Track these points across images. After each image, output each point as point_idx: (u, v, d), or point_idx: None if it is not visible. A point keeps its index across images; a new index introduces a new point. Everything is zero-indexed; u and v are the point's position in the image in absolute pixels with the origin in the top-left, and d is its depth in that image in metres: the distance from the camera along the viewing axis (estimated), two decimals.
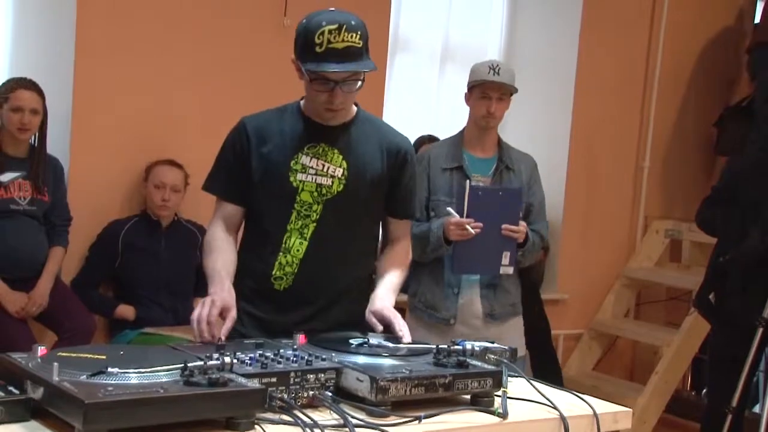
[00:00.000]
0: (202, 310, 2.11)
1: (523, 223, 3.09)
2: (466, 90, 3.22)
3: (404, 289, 3.88)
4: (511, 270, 3.12)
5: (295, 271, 2.32)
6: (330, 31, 2.15)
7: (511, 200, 3.07)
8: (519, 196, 3.10)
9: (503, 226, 3.04)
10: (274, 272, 2.32)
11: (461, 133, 3.27)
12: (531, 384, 2.04)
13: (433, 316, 3.21)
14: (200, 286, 3.71)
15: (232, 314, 2.14)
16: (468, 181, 3.06)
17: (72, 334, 3.38)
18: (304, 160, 2.31)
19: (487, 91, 3.14)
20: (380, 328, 2.19)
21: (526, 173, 3.24)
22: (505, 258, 3.08)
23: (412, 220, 2.54)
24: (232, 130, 2.39)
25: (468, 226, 3.00)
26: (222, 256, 2.30)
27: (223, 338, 2.05)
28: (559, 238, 4.95)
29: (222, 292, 2.18)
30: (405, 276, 2.43)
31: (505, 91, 3.16)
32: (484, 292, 3.20)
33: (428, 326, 3.20)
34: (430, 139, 4.46)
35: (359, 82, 2.24)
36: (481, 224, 3.01)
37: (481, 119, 3.17)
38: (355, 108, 2.38)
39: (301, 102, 2.39)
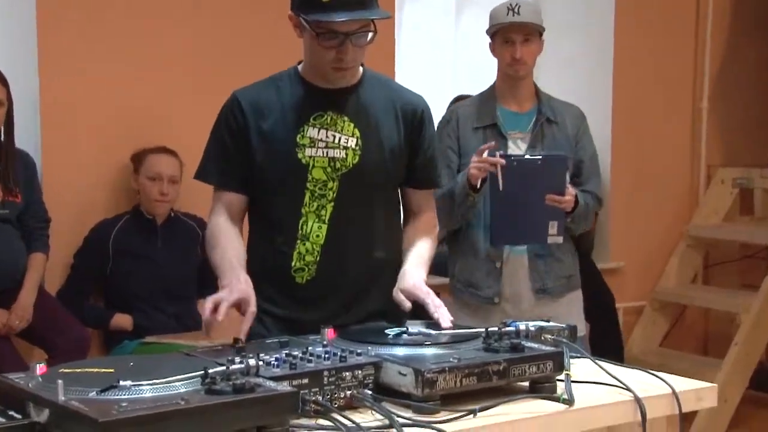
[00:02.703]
0: (210, 305, 2.13)
1: (571, 190, 3.10)
2: (489, 40, 3.23)
3: (442, 271, 3.90)
4: (560, 239, 3.14)
5: (317, 259, 2.34)
6: None
7: (554, 167, 3.08)
8: (563, 162, 3.10)
9: (547, 196, 3.05)
10: (293, 264, 2.35)
11: (492, 86, 3.29)
12: (597, 364, 2.06)
13: (475, 296, 3.24)
14: (204, 286, 3.75)
15: (251, 309, 2.16)
16: (499, 153, 3.04)
17: (64, 351, 3.42)
18: (311, 132, 2.33)
19: (509, 35, 3.14)
20: (408, 304, 2.21)
21: (572, 125, 3.24)
22: (553, 228, 3.10)
23: (436, 189, 2.56)
24: (223, 107, 2.40)
25: (487, 155, 2.98)
26: (231, 245, 2.32)
27: (242, 339, 2.07)
28: (607, 198, 4.92)
29: (238, 283, 2.19)
30: (434, 249, 2.45)
31: (530, 32, 3.16)
32: (533, 265, 3.22)
33: (471, 308, 3.24)
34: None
35: (370, 34, 2.25)
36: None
37: (508, 68, 3.18)
38: (360, 68, 2.39)
39: (299, 66, 2.40)
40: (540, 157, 3.09)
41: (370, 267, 2.38)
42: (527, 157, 3.09)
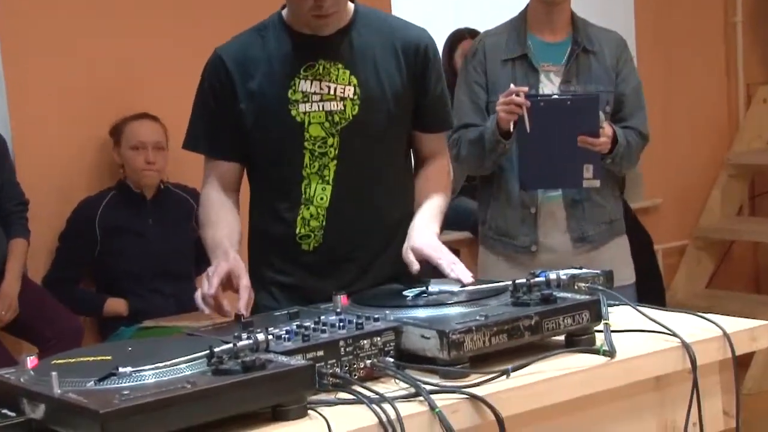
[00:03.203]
0: (204, 284, 2.15)
1: (606, 130, 3.09)
2: None
3: (465, 223, 3.89)
4: (597, 183, 3.14)
5: (323, 224, 2.35)
6: None
7: (585, 108, 3.07)
8: (595, 102, 3.08)
9: (579, 138, 3.05)
10: (298, 231, 2.35)
11: (523, 13, 3.26)
12: (638, 311, 2.07)
13: (510, 245, 3.25)
14: (203, 262, 3.75)
15: (244, 283, 2.17)
16: (523, 94, 3.02)
17: (56, 342, 3.46)
18: (303, 85, 2.32)
19: None
20: (416, 266, 2.22)
21: (611, 55, 3.22)
22: (587, 171, 3.10)
23: (448, 131, 2.56)
24: (205, 67, 2.39)
25: (515, 95, 2.98)
26: (223, 223, 2.34)
27: (246, 313, 2.09)
28: None
29: (225, 259, 2.21)
30: (448, 199, 2.45)
31: None
32: (571, 211, 3.22)
33: (506, 259, 3.25)
34: (470, 33, 4.43)
35: None
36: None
37: None
38: (351, 5, 2.37)
39: (283, 12, 2.38)
40: (569, 97, 3.08)
41: (383, 227, 2.38)
42: (555, 97, 3.08)
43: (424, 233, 2.28)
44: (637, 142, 3.21)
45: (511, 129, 3.04)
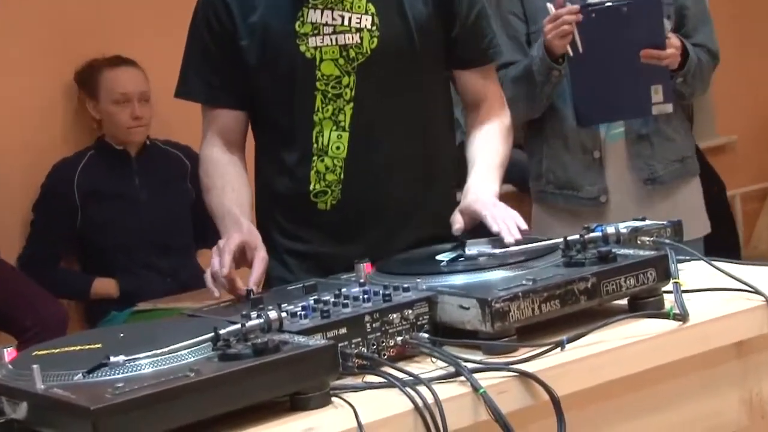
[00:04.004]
0: (214, 260, 2.16)
1: (674, 40, 3.07)
2: None
3: (516, 178, 3.87)
4: (669, 108, 3.12)
5: (341, 177, 2.36)
6: None
7: (646, 14, 3.04)
8: (658, 5, 3.06)
9: (643, 52, 3.03)
10: (312, 187, 2.36)
11: None
12: (714, 266, 2.07)
13: (574, 199, 3.25)
14: (203, 231, 3.79)
15: (261, 255, 2.19)
16: (571, 6, 3.02)
17: (38, 332, 3.48)
18: (313, 16, 2.32)
19: None
20: (458, 226, 2.23)
21: None
22: (656, 94, 3.08)
23: (497, 62, 2.54)
24: (198, 1, 2.40)
25: (564, 12, 2.97)
26: (229, 187, 2.35)
27: (255, 288, 2.10)
28: None
29: (239, 231, 2.23)
30: (509, 145, 2.45)
31: None
32: (635, 149, 3.22)
33: (569, 215, 3.25)
34: None
35: None
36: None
37: None
38: None
39: None
40: (626, 1, 3.05)
41: (412, 181, 2.39)
42: (609, 5, 3.06)
43: (479, 190, 2.28)
44: (707, 60, 3.21)
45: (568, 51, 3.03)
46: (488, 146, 2.40)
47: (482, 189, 2.29)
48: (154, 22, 3.33)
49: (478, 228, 2.25)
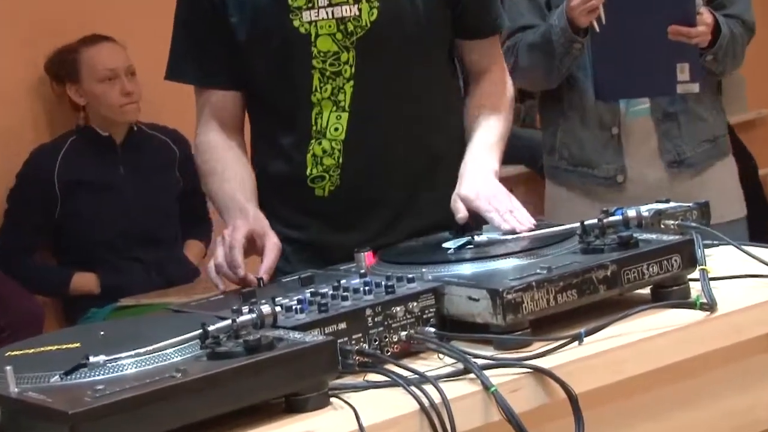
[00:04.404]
0: (218, 251, 2.18)
1: (705, 16, 3.07)
2: None
3: (526, 157, 3.86)
4: (695, 87, 3.12)
5: (340, 161, 2.36)
6: None
7: None
8: None
9: (670, 28, 3.03)
10: (309, 171, 2.37)
11: None
12: (743, 251, 2.07)
13: (589, 177, 3.26)
14: (191, 221, 3.80)
15: (273, 241, 2.20)
16: None
17: (12, 332, 3.49)
18: None
19: None
20: (462, 214, 2.23)
21: None
22: (683, 72, 3.09)
23: (499, 34, 2.55)
24: None
25: None
26: (230, 172, 2.36)
27: (265, 278, 2.12)
28: None
29: (245, 219, 2.23)
30: (509, 121, 2.45)
31: None
32: (664, 127, 3.22)
33: (584, 195, 3.26)
34: None
35: None
36: None
37: None
38: None
39: None
40: None
41: (417, 165, 2.40)
42: None
43: (476, 176, 2.29)
44: (741, 33, 3.20)
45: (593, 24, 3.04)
46: (489, 119, 2.40)
47: (481, 171, 2.29)
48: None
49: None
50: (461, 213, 2.23)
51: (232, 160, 2.39)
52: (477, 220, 2.24)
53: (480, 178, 2.28)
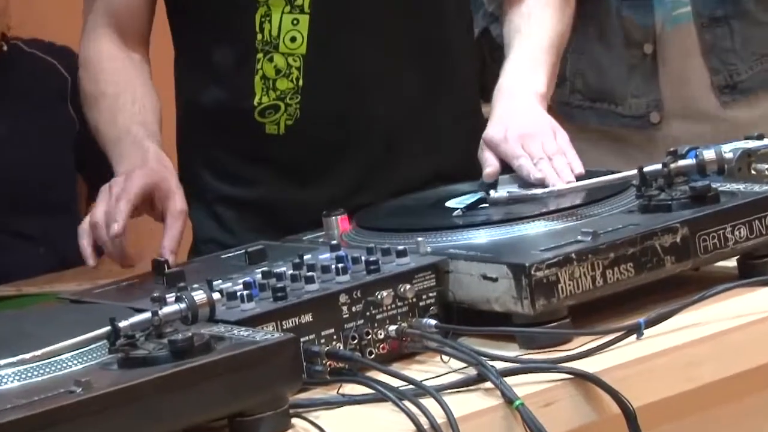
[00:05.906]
0: (98, 207, 2.18)
1: None
2: None
3: None
4: None
5: (299, 84, 2.36)
6: None
7: None
8: None
9: None
10: (257, 100, 2.37)
11: None
12: None
13: (611, 116, 3.27)
14: (91, 178, 3.80)
15: (176, 205, 2.19)
16: None
17: None
18: None
19: None
20: (492, 168, 2.24)
21: None
22: None
23: None
24: None
25: None
26: (128, 96, 2.37)
27: (169, 256, 2.11)
28: None
29: (144, 164, 2.22)
30: (569, 20, 2.46)
31: None
32: (707, 38, 3.20)
33: (609, 140, 3.27)
34: None
35: None
36: None
37: None
38: None
39: None
40: None
41: (407, 91, 2.41)
42: None
43: (509, 105, 2.30)
44: None
45: None
46: (537, 18, 2.41)
47: (515, 97, 2.30)
48: None
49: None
50: (491, 167, 2.23)
51: (130, 80, 2.40)
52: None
53: (513, 108, 2.30)
